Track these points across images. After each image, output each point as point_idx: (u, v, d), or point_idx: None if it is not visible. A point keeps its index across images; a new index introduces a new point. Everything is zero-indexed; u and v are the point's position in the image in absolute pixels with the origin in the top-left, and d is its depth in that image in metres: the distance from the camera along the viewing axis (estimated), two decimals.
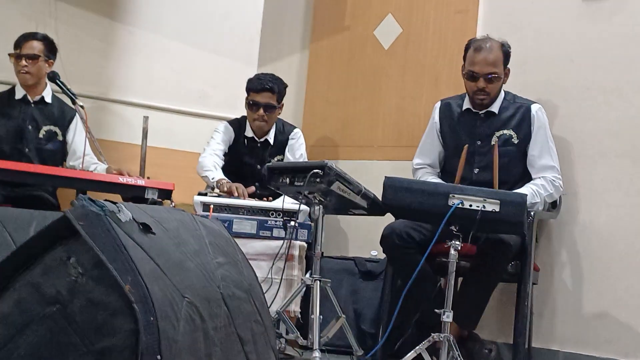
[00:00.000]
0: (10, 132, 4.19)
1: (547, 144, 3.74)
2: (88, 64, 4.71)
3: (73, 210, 1.55)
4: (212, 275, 1.76)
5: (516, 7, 4.24)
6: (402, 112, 4.63)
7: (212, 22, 5.05)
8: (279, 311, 3.45)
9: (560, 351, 3.84)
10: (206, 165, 4.24)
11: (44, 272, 1.54)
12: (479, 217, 3.12)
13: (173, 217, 1.79)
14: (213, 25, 5.05)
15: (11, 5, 4.52)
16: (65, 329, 1.50)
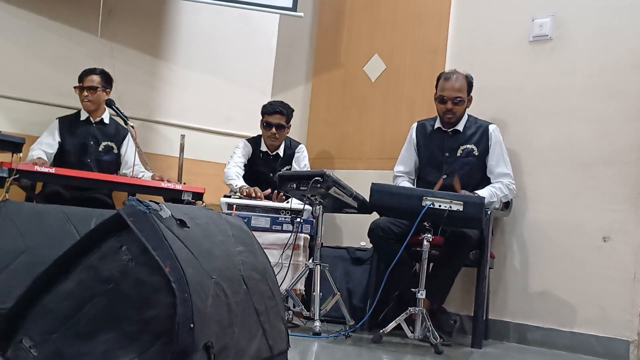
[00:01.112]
0: (76, 146, 4.19)
1: (502, 155, 3.75)
2: (137, 93, 4.70)
3: (124, 208, 1.54)
4: (234, 260, 1.75)
5: (477, 47, 4.25)
6: (385, 131, 4.63)
7: (234, 60, 5.05)
8: (287, 289, 3.45)
9: (511, 322, 3.84)
10: (230, 175, 4.24)
11: (101, 258, 1.53)
12: (446, 215, 3.14)
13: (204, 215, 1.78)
14: (235, 62, 5.05)
15: (79, 48, 4.51)
16: (119, 303, 1.49)
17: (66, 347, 1.50)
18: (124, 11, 4.65)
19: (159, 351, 1.44)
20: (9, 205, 2.63)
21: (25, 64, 4.42)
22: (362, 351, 3.03)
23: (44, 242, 2.54)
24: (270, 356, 1.82)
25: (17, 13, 4.40)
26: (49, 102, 4.43)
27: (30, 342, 1.52)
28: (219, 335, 1.55)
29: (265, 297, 1.84)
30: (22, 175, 3.50)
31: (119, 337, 1.48)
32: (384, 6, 4.79)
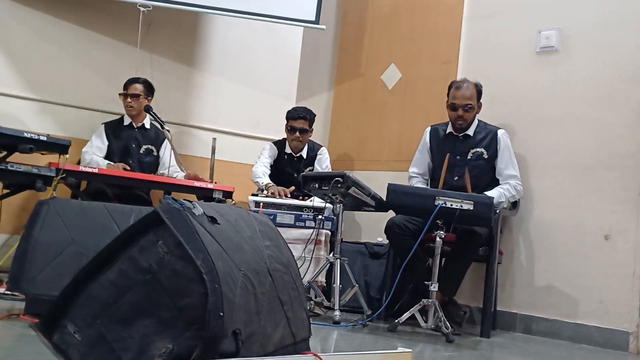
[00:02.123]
0: (120, 149, 4.23)
1: (510, 159, 3.72)
2: (173, 99, 4.74)
3: (161, 206, 1.54)
4: (261, 254, 1.75)
5: (486, 58, 4.22)
6: (401, 135, 4.62)
7: (262, 69, 5.06)
8: (309, 281, 3.45)
9: (518, 313, 3.81)
10: (257, 174, 4.25)
11: (140, 251, 1.53)
12: (457, 213, 3.12)
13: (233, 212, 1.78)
14: (263, 71, 5.06)
15: (121, 58, 4.55)
16: (156, 292, 1.49)
17: (107, 332, 1.51)
18: (161, 25, 4.69)
19: (191, 337, 1.45)
20: (56, 202, 2.67)
21: (73, 73, 4.48)
22: (378, 339, 3.02)
23: (89, 236, 2.57)
24: (293, 343, 1.81)
25: (67, 27, 4.46)
26: (93, 108, 4.48)
27: (75, 327, 1.53)
28: (246, 323, 1.55)
29: (289, 288, 1.84)
30: (69, 174, 3.55)
31: (155, 323, 1.48)
32: (402, 20, 4.77)
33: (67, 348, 1.54)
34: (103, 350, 1.50)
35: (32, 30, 4.37)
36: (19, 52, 4.33)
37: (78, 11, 4.48)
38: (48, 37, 4.41)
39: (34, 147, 3.28)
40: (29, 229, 2.55)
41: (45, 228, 2.55)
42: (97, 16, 4.53)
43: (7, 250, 3.62)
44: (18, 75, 4.33)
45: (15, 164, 3.33)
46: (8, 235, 3.78)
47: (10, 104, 4.25)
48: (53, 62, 4.42)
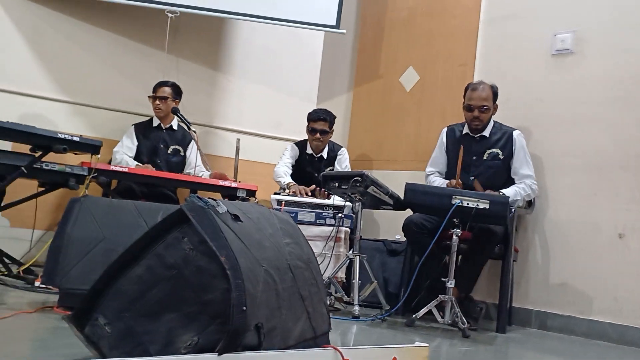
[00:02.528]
0: (149, 149, 4.26)
1: (525, 159, 3.69)
2: (199, 102, 4.76)
3: (186, 204, 1.55)
4: (282, 251, 1.75)
5: (503, 60, 4.19)
6: (418, 136, 4.60)
7: (284, 72, 5.08)
8: (330, 277, 3.45)
9: (533, 310, 3.77)
10: (279, 174, 4.26)
11: (166, 247, 1.54)
12: (473, 212, 3.10)
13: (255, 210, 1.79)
14: (285, 74, 5.07)
15: (149, 63, 4.60)
16: (182, 286, 1.50)
17: (136, 325, 1.52)
18: (188, 30, 4.72)
19: (215, 330, 1.46)
20: (88, 200, 2.69)
21: (104, 77, 4.53)
22: (396, 333, 3.01)
23: (118, 232, 2.59)
24: (314, 336, 1.82)
25: (99, 33, 4.52)
26: (123, 110, 4.52)
27: (105, 320, 1.55)
28: (268, 317, 1.55)
29: (309, 283, 1.84)
30: (100, 173, 3.59)
31: (181, 317, 1.49)
32: (419, 24, 4.75)
33: (97, 340, 1.56)
34: (131, 342, 1.51)
35: (66, 36, 4.43)
36: (53, 56, 4.39)
37: (109, 17, 4.52)
38: (81, 42, 4.46)
39: (68, 148, 3.33)
40: (63, 225, 2.58)
41: (77, 225, 2.58)
42: (127, 22, 4.58)
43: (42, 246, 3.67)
44: (52, 79, 4.39)
45: (50, 163, 3.38)
46: (43, 232, 3.83)
47: (45, 106, 4.31)
48: (85, 66, 4.48)
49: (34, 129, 3.30)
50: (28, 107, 4.23)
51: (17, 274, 3.28)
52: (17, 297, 2.83)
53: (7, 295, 2.87)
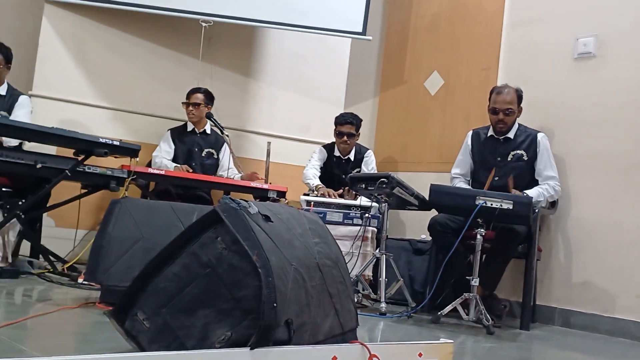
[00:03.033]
0: (184, 152, 4.31)
1: (549, 160, 3.64)
2: (232, 107, 4.80)
3: (219, 205, 1.56)
4: (311, 250, 1.75)
5: (526, 64, 4.14)
6: (443, 139, 4.57)
7: (312, 78, 5.08)
8: (357, 275, 3.45)
9: (557, 308, 3.72)
10: (308, 176, 4.27)
11: (201, 246, 1.55)
12: (497, 212, 3.07)
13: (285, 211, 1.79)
14: (313, 80, 5.07)
15: (184, 70, 4.64)
16: (216, 284, 1.51)
17: (173, 320, 1.54)
18: (221, 39, 4.76)
19: (248, 326, 1.46)
20: (127, 201, 2.73)
21: (142, 84, 4.59)
22: (422, 330, 2.99)
23: (156, 232, 2.62)
24: (342, 332, 1.81)
25: (137, 42, 4.58)
26: (160, 115, 4.58)
27: (144, 315, 1.57)
28: (297, 313, 1.56)
29: (337, 281, 1.84)
30: (139, 176, 3.64)
31: (215, 313, 1.50)
32: (443, 29, 4.72)
33: (137, 334, 1.58)
34: (168, 336, 1.53)
35: (106, 46, 4.50)
36: (94, 65, 4.47)
37: (146, 27, 4.59)
38: (120, 51, 4.54)
39: (108, 151, 3.38)
40: (104, 225, 2.62)
41: (118, 225, 2.62)
42: (163, 32, 4.64)
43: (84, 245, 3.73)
44: (94, 87, 4.46)
45: (92, 166, 3.44)
46: (86, 231, 3.89)
47: (87, 112, 4.39)
48: (124, 74, 4.55)
49: (77, 134, 3.37)
50: (71, 113, 4.31)
51: (62, 271, 3.35)
52: (62, 293, 2.88)
53: (53, 291, 2.93)
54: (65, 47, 4.39)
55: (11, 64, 3.76)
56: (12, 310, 2.40)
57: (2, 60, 3.68)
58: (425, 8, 4.88)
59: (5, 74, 3.74)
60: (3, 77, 3.73)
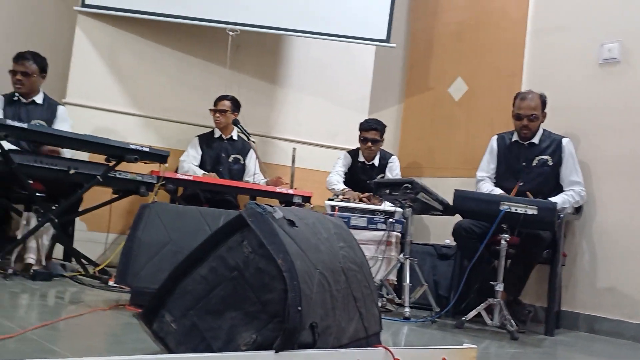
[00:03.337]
0: (212, 158, 4.33)
1: (574, 165, 3.59)
2: (258, 114, 4.81)
3: (246, 210, 1.57)
4: (336, 254, 1.74)
5: (550, 70, 4.09)
6: (467, 144, 4.53)
7: (337, 84, 5.07)
8: (381, 279, 3.43)
9: (581, 313, 3.65)
10: (332, 182, 4.27)
11: (228, 250, 1.56)
12: (521, 218, 3.03)
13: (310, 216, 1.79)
14: (338, 87, 5.07)
15: (212, 78, 4.67)
16: (243, 287, 1.51)
17: (200, 322, 1.55)
18: (248, 47, 4.79)
19: (273, 328, 1.46)
20: (157, 205, 2.77)
21: (171, 92, 4.64)
22: (446, 335, 2.96)
23: (184, 236, 2.65)
24: (366, 336, 1.81)
25: (166, 51, 4.64)
26: (189, 122, 4.62)
27: (171, 317, 1.58)
28: (322, 317, 1.56)
29: (361, 286, 1.83)
30: (168, 181, 3.68)
31: (242, 315, 1.51)
32: (467, 36, 4.69)
33: (165, 336, 1.59)
34: (196, 338, 1.54)
35: (137, 55, 4.57)
36: (126, 74, 4.54)
37: (175, 37, 4.64)
38: (150, 60, 4.60)
39: (138, 157, 3.42)
40: (134, 229, 2.65)
41: (147, 229, 2.65)
42: (191, 41, 4.69)
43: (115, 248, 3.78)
44: (125, 94, 4.53)
45: (123, 172, 3.49)
46: (116, 235, 3.94)
47: (118, 119, 4.46)
48: (154, 82, 4.61)
49: (109, 141, 3.42)
50: (103, 120, 4.37)
51: (93, 274, 3.40)
52: (93, 295, 2.92)
53: (84, 293, 2.98)
54: (97, 56, 4.46)
55: (46, 73, 3.83)
56: (45, 312, 2.44)
57: (37, 70, 3.75)
58: (449, 16, 4.85)
59: (40, 84, 3.82)
60: (38, 86, 3.80)
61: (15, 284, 2.94)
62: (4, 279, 3.00)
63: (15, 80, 3.70)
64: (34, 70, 3.73)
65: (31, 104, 3.77)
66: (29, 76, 3.71)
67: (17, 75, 3.69)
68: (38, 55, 3.77)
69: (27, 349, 1.68)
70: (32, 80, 3.73)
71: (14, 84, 3.71)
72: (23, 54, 3.72)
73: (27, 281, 3.07)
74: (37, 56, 3.76)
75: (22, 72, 3.69)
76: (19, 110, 3.72)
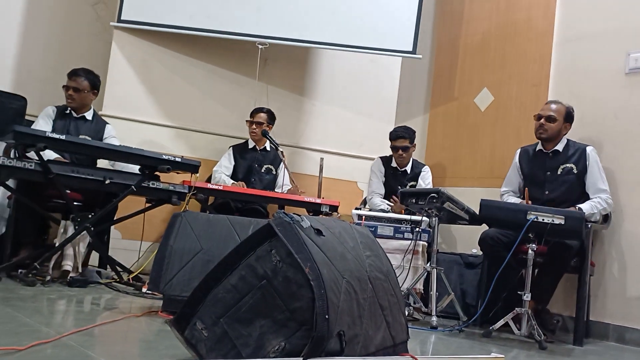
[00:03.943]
0: (245, 168, 4.36)
1: (599, 173, 3.52)
2: (287, 125, 4.84)
3: (274, 220, 1.58)
4: (363, 263, 1.74)
5: (576, 80, 4.02)
6: (493, 154, 4.48)
7: (364, 96, 5.07)
8: (408, 288, 3.40)
9: (611, 324, 3.56)
10: (377, 203, 4.24)
11: (257, 259, 1.57)
12: (549, 227, 2.98)
13: (337, 225, 1.79)
14: (365, 98, 5.07)
15: (242, 90, 4.72)
16: (271, 295, 1.52)
17: (230, 330, 1.55)
18: (276, 60, 4.83)
19: (302, 336, 1.47)
20: (188, 214, 2.79)
21: (202, 103, 4.70)
22: (474, 344, 2.92)
23: (215, 244, 2.66)
24: (393, 345, 1.79)
25: (198, 65, 4.70)
26: (219, 133, 4.66)
27: (202, 325, 1.60)
28: (349, 325, 1.55)
29: (388, 294, 1.82)
30: (199, 191, 3.71)
31: (271, 323, 1.51)
32: (493, 47, 4.65)
33: (196, 343, 1.60)
34: (226, 345, 1.55)
35: (170, 69, 4.64)
36: (159, 87, 4.61)
37: (206, 50, 4.70)
38: (182, 73, 4.66)
39: (171, 168, 3.46)
40: (166, 238, 2.68)
41: (179, 237, 2.67)
42: (222, 54, 4.74)
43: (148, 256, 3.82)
44: (158, 107, 4.60)
45: (156, 182, 3.53)
46: (150, 243, 3.98)
47: (151, 130, 4.52)
48: (186, 94, 4.67)
49: (142, 151, 3.47)
50: (137, 131, 4.44)
51: (127, 281, 3.44)
52: (127, 302, 2.96)
53: (119, 300, 3.01)
54: (132, 70, 4.54)
55: (98, 90, 3.92)
56: (81, 317, 2.47)
57: (88, 86, 3.83)
58: (475, 27, 4.81)
59: (91, 100, 3.91)
60: (88, 102, 3.88)
61: (53, 290, 2.99)
62: (43, 285, 3.06)
63: (67, 95, 3.78)
64: (85, 86, 3.81)
65: (81, 119, 3.86)
66: (79, 92, 3.79)
67: (69, 90, 3.78)
68: (91, 72, 3.85)
69: (64, 354, 1.71)
70: (83, 96, 3.82)
71: (67, 98, 3.80)
72: (76, 71, 3.81)
73: (64, 287, 3.12)
74: (90, 73, 3.84)
75: (74, 88, 3.77)
76: (68, 124, 3.80)
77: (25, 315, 2.23)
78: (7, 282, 3.05)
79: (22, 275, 3.09)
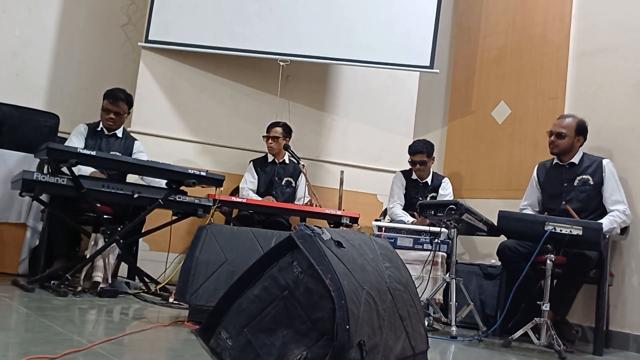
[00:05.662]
0: (266, 181, 4.39)
1: (616, 185, 3.47)
2: (308, 139, 4.87)
3: (295, 232, 1.57)
4: (382, 274, 1.73)
5: (593, 93, 3.98)
6: (511, 166, 4.45)
7: (383, 110, 5.09)
8: (428, 298, 3.38)
9: (631, 334, 3.49)
10: (399, 214, 4.23)
11: (279, 270, 1.56)
12: (567, 238, 2.95)
13: (357, 237, 1.78)
14: (384, 112, 5.09)
15: (264, 106, 4.77)
16: (294, 305, 1.51)
17: (254, 339, 1.55)
18: (298, 76, 4.87)
19: (323, 346, 1.46)
20: (213, 227, 2.81)
21: (226, 119, 4.75)
22: (493, 354, 2.89)
23: (238, 256, 2.68)
24: (413, 355, 1.78)
25: (222, 82, 4.76)
26: (243, 148, 4.71)
27: (227, 334, 1.60)
28: (370, 335, 1.54)
29: (407, 305, 1.81)
30: (223, 204, 3.74)
31: (293, 333, 1.51)
32: (509, 61, 4.63)
33: (221, 352, 1.61)
34: (250, 354, 1.55)
35: (195, 86, 4.70)
36: (185, 104, 4.67)
37: (230, 69, 4.76)
38: (207, 90, 4.73)
39: (196, 182, 3.50)
40: (192, 249, 2.71)
41: (204, 249, 2.70)
42: (245, 72, 4.79)
43: (175, 267, 3.86)
44: (184, 123, 4.66)
45: (182, 195, 3.57)
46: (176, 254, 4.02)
47: (177, 146, 4.58)
48: (211, 111, 4.72)
49: (169, 166, 3.52)
50: (164, 147, 4.50)
51: (155, 292, 3.48)
52: (155, 312, 2.98)
53: (147, 310, 3.04)
54: (159, 88, 4.62)
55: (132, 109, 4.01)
56: (111, 327, 2.50)
57: (127, 109, 3.91)
58: (491, 41, 4.80)
59: (126, 119, 3.98)
60: (124, 122, 3.96)
61: (84, 301, 3.03)
62: (74, 295, 3.10)
63: (107, 118, 3.82)
64: (126, 110, 3.89)
65: (112, 136, 3.91)
66: (120, 115, 3.87)
67: (110, 114, 3.81)
68: (127, 93, 3.91)
69: None
70: (123, 119, 3.91)
71: (106, 120, 3.83)
72: (117, 95, 3.83)
73: (94, 298, 3.17)
74: (127, 94, 3.90)
75: (115, 112, 3.83)
76: (100, 142, 3.86)
77: (58, 325, 2.26)
78: (40, 293, 3.10)
79: (55, 286, 3.14)
